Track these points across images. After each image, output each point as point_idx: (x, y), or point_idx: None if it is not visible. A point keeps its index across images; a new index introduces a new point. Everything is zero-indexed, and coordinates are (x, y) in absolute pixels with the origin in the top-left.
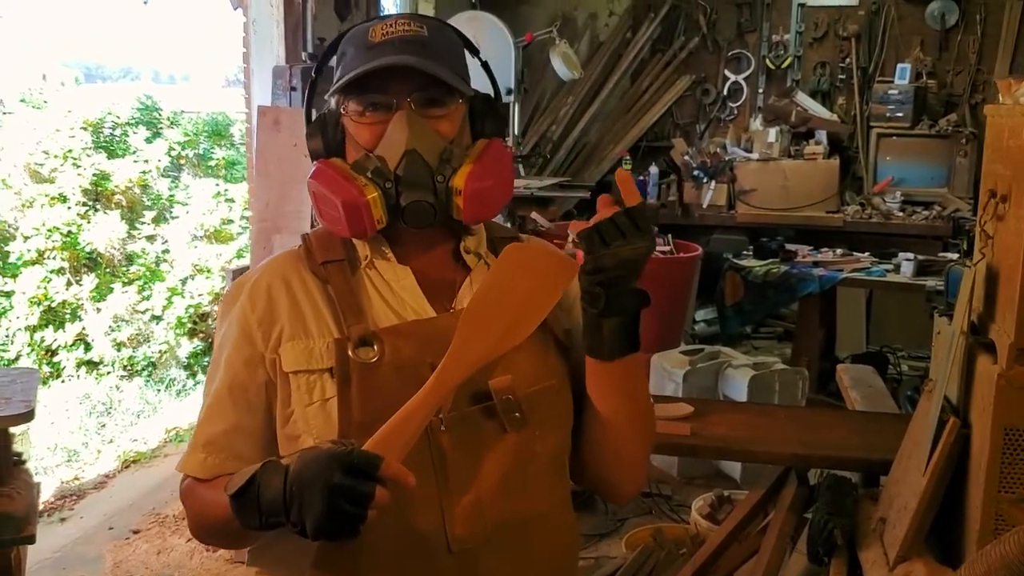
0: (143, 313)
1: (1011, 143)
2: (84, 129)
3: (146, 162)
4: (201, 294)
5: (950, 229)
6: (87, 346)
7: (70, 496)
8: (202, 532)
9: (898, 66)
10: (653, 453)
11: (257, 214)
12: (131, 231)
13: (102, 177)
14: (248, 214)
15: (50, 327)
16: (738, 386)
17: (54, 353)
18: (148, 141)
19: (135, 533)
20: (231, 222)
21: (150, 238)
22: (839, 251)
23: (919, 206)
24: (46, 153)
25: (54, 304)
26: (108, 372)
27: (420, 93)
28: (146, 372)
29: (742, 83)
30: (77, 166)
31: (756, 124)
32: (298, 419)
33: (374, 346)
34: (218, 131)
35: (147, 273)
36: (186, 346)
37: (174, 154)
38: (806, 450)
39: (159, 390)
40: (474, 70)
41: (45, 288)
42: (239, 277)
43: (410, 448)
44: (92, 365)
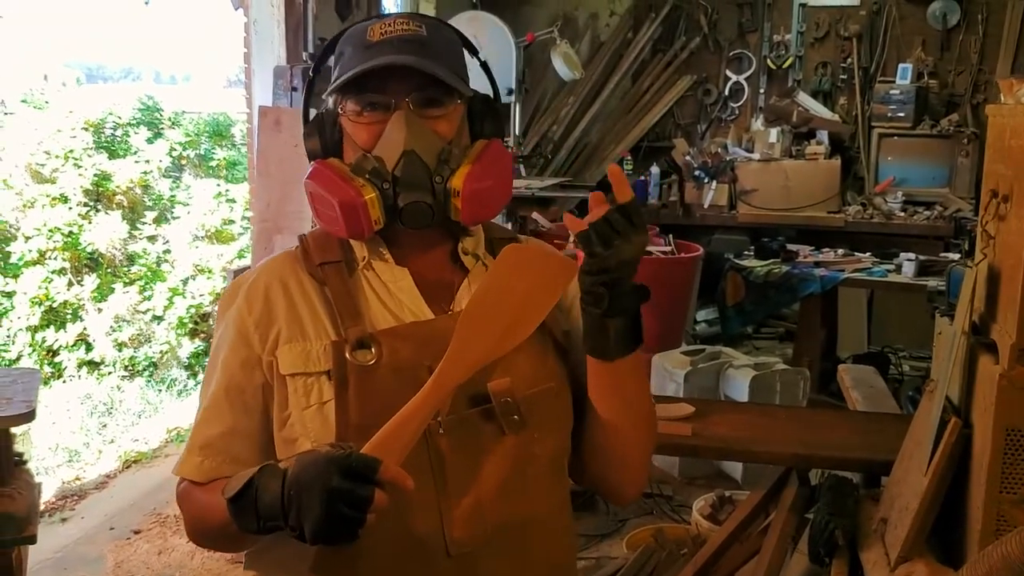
0: (144, 313)
1: (1013, 143)
2: (85, 129)
3: (147, 162)
4: (202, 294)
5: (951, 229)
6: (88, 346)
7: (71, 496)
8: (199, 536)
9: (899, 66)
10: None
11: (258, 214)
12: (132, 231)
13: (103, 177)
14: (249, 214)
15: (51, 327)
16: (739, 386)
17: (55, 353)
18: (149, 141)
19: (136, 533)
20: (232, 222)
21: (151, 238)
22: (840, 251)
23: (920, 206)
24: (47, 153)
25: (55, 304)
26: (109, 372)
27: (418, 93)
28: (147, 372)
29: (743, 83)
30: (78, 166)
31: (757, 124)
32: (295, 422)
33: (372, 348)
34: (219, 131)
35: (148, 273)
36: (187, 346)
37: (175, 154)
38: (807, 450)
39: (160, 390)
40: (474, 70)
41: (46, 288)
42: (236, 278)
43: (409, 451)
44: (93, 365)
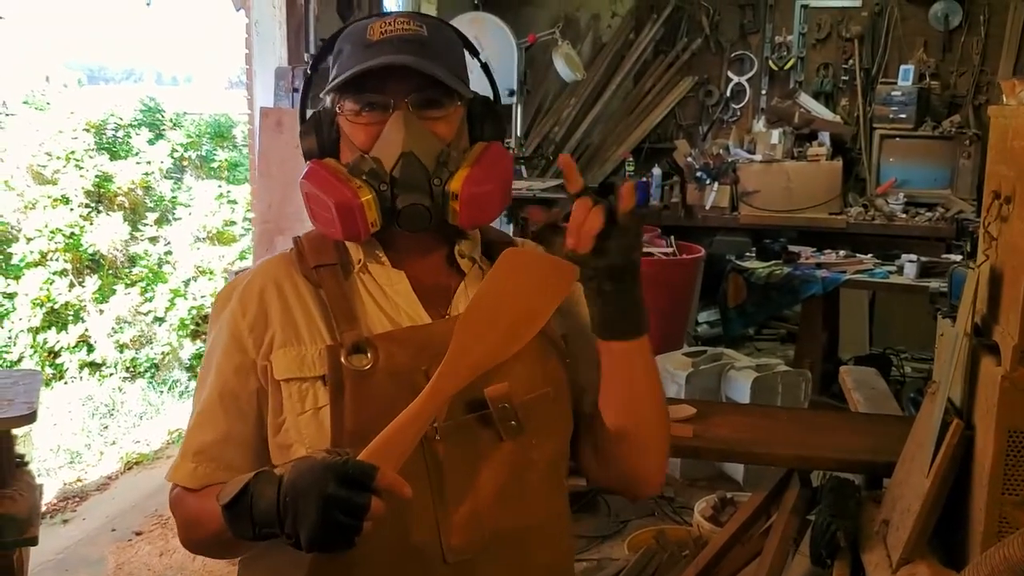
0: (146, 315)
1: (1015, 144)
2: (87, 131)
3: (148, 164)
4: (204, 296)
5: (953, 231)
6: (90, 348)
7: (72, 498)
8: (192, 542)
9: (901, 67)
10: None
11: (259, 216)
12: (134, 233)
13: (105, 179)
14: (251, 216)
15: (53, 329)
16: (741, 388)
17: (57, 355)
18: (151, 143)
19: (138, 535)
20: (234, 224)
21: (153, 240)
22: (842, 253)
23: (922, 208)
24: (49, 155)
25: (57, 306)
26: (111, 374)
27: (418, 94)
28: (149, 374)
29: (745, 84)
30: (80, 168)
31: (759, 126)
32: (290, 428)
33: (367, 353)
34: (220, 133)
35: (150, 275)
36: (188, 348)
37: (177, 156)
38: (809, 452)
39: (161, 392)
40: (474, 71)
41: (48, 290)
42: (230, 281)
43: (406, 458)
44: (95, 367)
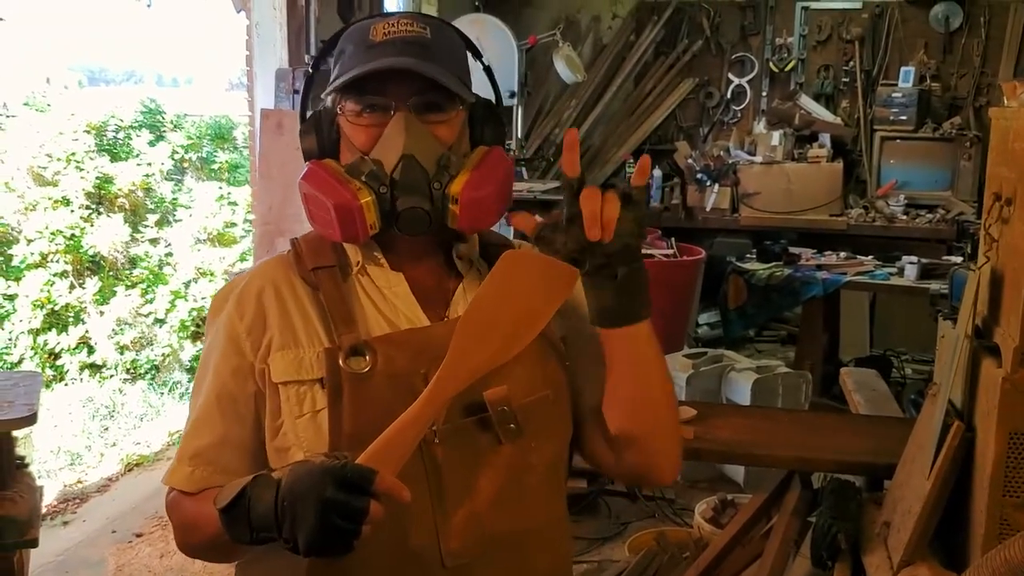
0: (146, 316)
1: (1016, 146)
2: (87, 132)
3: (149, 165)
4: (204, 297)
5: (954, 232)
6: (90, 349)
7: (73, 499)
8: (189, 546)
9: (902, 69)
10: None
11: (260, 217)
12: (134, 234)
13: (105, 180)
14: (251, 217)
15: (53, 330)
16: (741, 389)
17: (57, 356)
18: (151, 144)
19: (138, 536)
20: (234, 225)
21: (153, 241)
22: (843, 254)
23: (923, 209)
24: (49, 156)
25: (57, 307)
26: (111, 375)
27: (419, 97)
28: (149, 375)
29: (745, 86)
30: (80, 169)
31: (759, 127)
32: (288, 431)
33: (366, 356)
34: (221, 134)
35: (150, 276)
36: (189, 349)
37: (177, 157)
38: (810, 454)
39: (162, 393)
40: (476, 72)
41: (48, 291)
42: (226, 283)
43: (405, 462)
44: (95, 368)
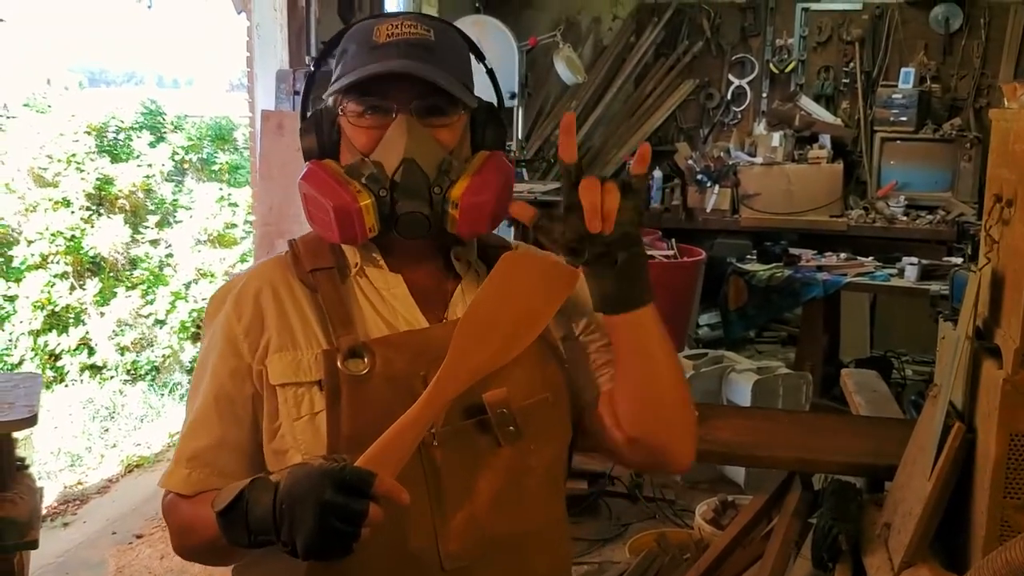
0: (146, 317)
1: (1016, 147)
2: (88, 133)
3: (150, 166)
4: (204, 298)
5: (954, 233)
6: (90, 350)
7: (73, 501)
8: (185, 549)
9: (902, 70)
10: None
11: (261, 218)
12: (135, 235)
13: (106, 181)
14: (252, 218)
15: (53, 331)
16: (742, 391)
17: (57, 357)
18: (152, 145)
19: (138, 538)
20: (235, 226)
21: (154, 242)
22: (843, 255)
23: (923, 210)
24: (50, 157)
25: (57, 308)
26: (111, 376)
27: (422, 101)
28: (149, 376)
29: (746, 87)
30: (81, 170)
31: (760, 128)
32: (286, 433)
33: (364, 358)
34: (222, 135)
35: (150, 277)
36: (189, 350)
37: (178, 158)
38: (810, 455)
39: (162, 394)
40: (477, 72)
41: (48, 292)
42: (223, 284)
43: (404, 464)
44: (95, 369)
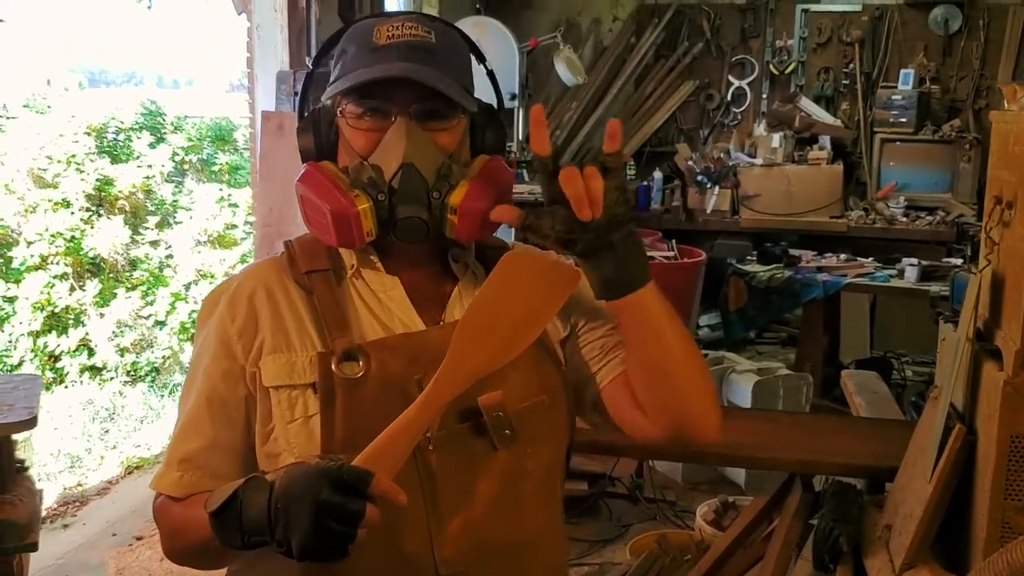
0: (146, 318)
1: (1017, 149)
2: (88, 134)
3: (150, 167)
4: None
5: (954, 234)
6: (90, 351)
7: (73, 502)
8: (176, 552)
9: (901, 71)
10: (656, 459)
11: (261, 219)
12: (134, 236)
13: (106, 182)
14: (252, 219)
15: (53, 332)
16: (742, 392)
17: (57, 359)
18: (152, 146)
19: (138, 539)
20: (235, 227)
21: (153, 243)
22: (843, 256)
23: (923, 211)
24: (49, 158)
25: (57, 309)
26: (111, 378)
27: (422, 104)
28: (149, 378)
29: (746, 88)
30: (80, 171)
31: (760, 129)
32: (279, 436)
33: (359, 361)
34: (222, 136)
35: (150, 278)
36: (189, 352)
37: (178, 159)
38: (811, 456)
39: (162, 396)
40: (478, 73)
41: (48, 293)
42: (217, 286)
43: (401, 465)
44: (95, 371)
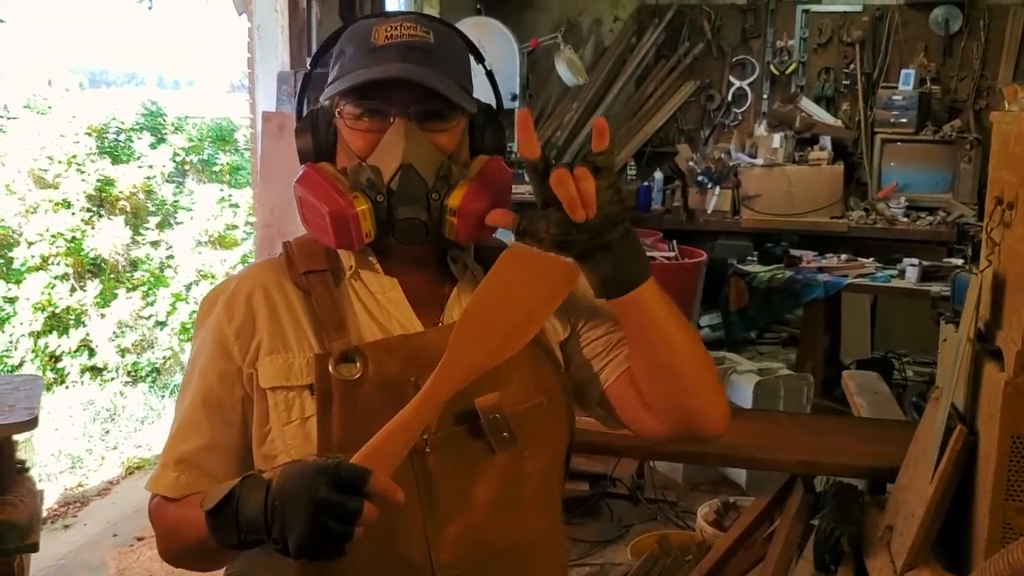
0: (147, 319)
1: (1017, 150)
2: (88, 135)
3: (150, 167)
4: None
5: (954, 235)
6: (91, 352)
7: (74, 503)
8: (171, 553)
9: (902, 72)
10: (657, 460)
11: (261, 219)
12: (135, 237)
13: (106, 183)
14: (253, 219)
15: (54, 333)
16: (743, 392)
17: (58, 359)
18: (152, 147)
19: (139, 540)
20: (235, 227)
21: (154, 244)
22: (844, 256)
23: (923, 212)
24: (50, 159)
25: (58, 310)
26: (112, 378)
27: (420, 105)
28: (150, 378)
29: (746, 89)
30: (81, 172)
31: (760, 130)
32: (275, 438)
33: (357, 362)
34: (223, 136)
35: (151, 279)
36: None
37: (178, 159)
38: (812, 457)
39: (163, 396)
40: (477, 73)
41: (49, 294)
42: (215, 287)
43: (398, 464)
44: (96, 371)
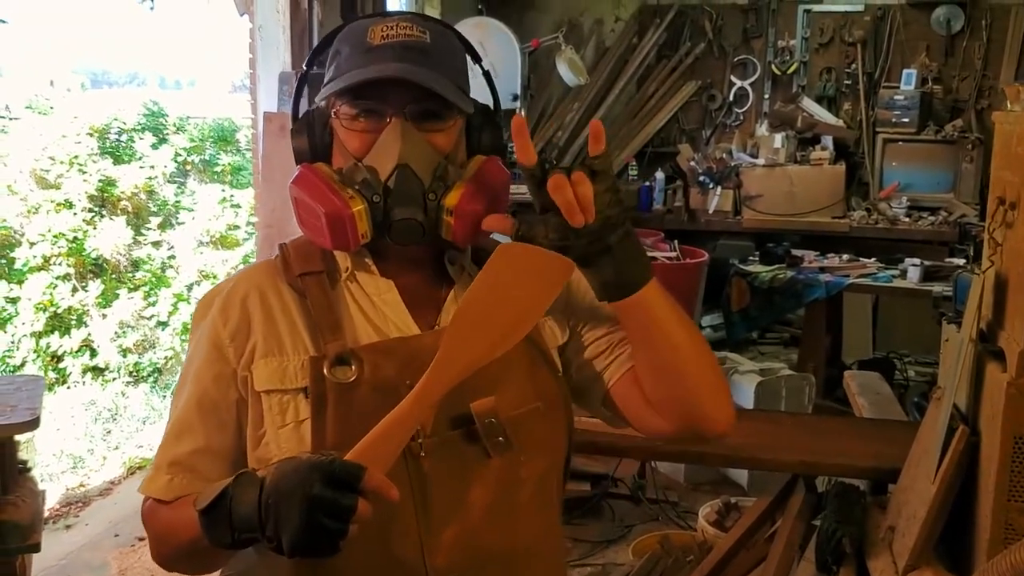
0: (149, 319)
1: (1020, 150)
2: (90, 135)
3: (152, 168)
4: None
5: (956, 235)
6: (93, 352)
7: (75, 503)
8: (164, 556)
9: (904, 72)
10: (659, 460)
11: (263, 220)
12: (137, 237)
13: (108, 183)
14: (254, 220)
15: (56, 333)
16: (745, 392)
17: (60, 359)
18: (154, 147)
19: (141, 540)
20: (237, 228)
21: (156, 244)
22: (845, 256)
23: (925, 211)
24: (52, 159)
25: (60, 310)
26: (114, 378)
27: (417, 105)
28: (152, 378)
29: (748, 89)
30: (83, 172)
31: (762, 130)
32: (270, 441)
33: (352, 365)
34: (224, 137)
35: (153, 279)
36: None
37: (180, 160)
38: (814, 457)
39: (164, 396)
40: (476, 75)
41: (51, 294)
42: (211, 289)
43: (393, 462)
44: (98, 371)
